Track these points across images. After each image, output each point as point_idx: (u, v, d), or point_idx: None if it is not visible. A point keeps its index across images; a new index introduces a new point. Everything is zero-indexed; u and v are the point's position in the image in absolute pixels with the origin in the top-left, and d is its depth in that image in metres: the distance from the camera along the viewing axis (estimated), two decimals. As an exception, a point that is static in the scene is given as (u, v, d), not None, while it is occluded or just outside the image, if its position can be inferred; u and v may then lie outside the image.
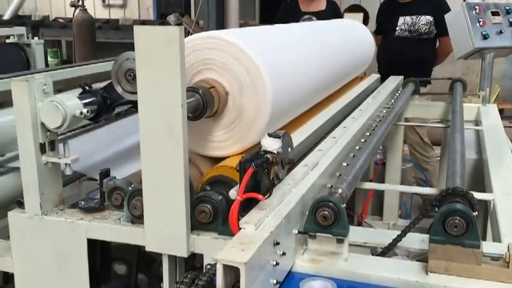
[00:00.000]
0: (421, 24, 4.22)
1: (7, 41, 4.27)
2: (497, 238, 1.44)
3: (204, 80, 1.44)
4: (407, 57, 4.13)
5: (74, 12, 6.41)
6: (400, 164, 3.22)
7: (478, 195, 1.64)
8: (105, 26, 8.15)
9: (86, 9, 6.43)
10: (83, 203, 1.47)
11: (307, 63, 1.89)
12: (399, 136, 3.12)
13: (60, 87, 2.25)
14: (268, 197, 1.21)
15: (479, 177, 2.09)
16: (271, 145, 1.21)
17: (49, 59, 7.97)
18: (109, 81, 1.47)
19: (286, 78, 1.62)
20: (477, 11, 3.27)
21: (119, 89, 1.42)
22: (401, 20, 4.30)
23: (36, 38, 4.27)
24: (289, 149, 1.33)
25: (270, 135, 1.23)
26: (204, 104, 1.37)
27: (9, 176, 1.75)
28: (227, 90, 1.44)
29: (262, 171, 1.21)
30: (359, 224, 3.04)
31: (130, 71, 1.39)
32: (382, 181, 3.17)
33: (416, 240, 1.33)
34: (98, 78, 2.49)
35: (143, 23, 8.26)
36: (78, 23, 6.41)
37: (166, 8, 9.13)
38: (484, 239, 1.66)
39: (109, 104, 1.52)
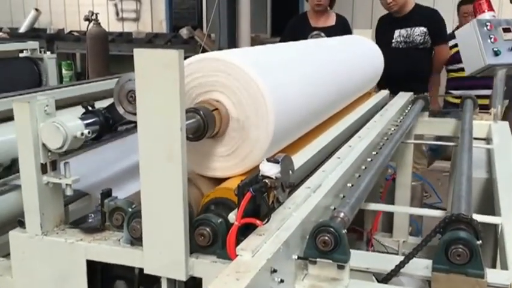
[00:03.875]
0: (416, 35, 4.36)
1: (20, 55, 4.33)
2: (504, 264, 1.40)
3: (206, 100, 1.43)
4: (403, 65, 4.21)
5: (88, 26, 6.51)
6: (410, 181, 3.18)
7: (485, 218, 1.61)
8: (118, 39, 8.23)
9: (99, 23, 6.52)
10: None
11: (314, 82, 1.87)
12: (409, 153, 3.08)
13: (65, 103, 2.26)
14: (266, 223, 1.19)
15: (489, 198, 2.05)
16: (270, 170, 1.19)
17: (63, 71, 8.08)
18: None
19: (290, 98, 1.60)
20: (488, 27, 3.24)
21: (120, 110, 1.42)
22: (396, 33, 4.43)
23: (48, 53, 4.34)
24: (290, 172, 1.31)
25: (268, 160, 1.21)
26: (205, 125, 1.35)
27: (13, 193, 1.75)
28: (229, 111, 1.43)
29: (260, 196, 1.19)
30: (368, 241, 3.00)
31: (131, 92, 1.39)
32: (392, 197, 3.13)
33: (420, 267, 1.29)
34: (107, 95, 2.50)
35: (156, 36, 8.34)
36: (91, 36, 6.50)
37: (179, 21, 9.19)
38: (494, 265, 1.62)
39: (111, 124, 1.51)
